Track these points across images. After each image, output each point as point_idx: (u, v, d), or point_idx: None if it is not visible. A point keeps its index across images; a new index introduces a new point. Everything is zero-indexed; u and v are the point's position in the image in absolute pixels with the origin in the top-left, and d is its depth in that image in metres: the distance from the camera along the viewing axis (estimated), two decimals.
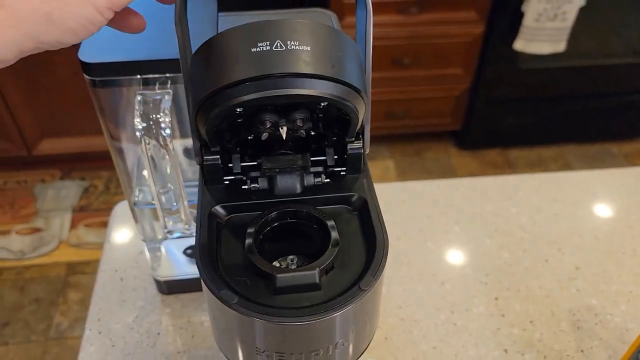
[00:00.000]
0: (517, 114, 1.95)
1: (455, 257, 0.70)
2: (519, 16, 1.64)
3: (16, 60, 0.33)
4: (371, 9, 0.34)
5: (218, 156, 0.38)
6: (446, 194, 0.78)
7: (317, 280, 0.33)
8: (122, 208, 0.76)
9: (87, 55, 0.44)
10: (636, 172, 0.82)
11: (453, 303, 0.65)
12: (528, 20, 1.63)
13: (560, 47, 1.69)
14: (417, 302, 0.65)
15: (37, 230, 1.68)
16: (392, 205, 0.76)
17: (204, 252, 0.34)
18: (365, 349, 0.40)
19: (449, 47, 1.76)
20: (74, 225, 1.70)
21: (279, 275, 0.33)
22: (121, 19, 0.36)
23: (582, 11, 1.62)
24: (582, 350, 0.60)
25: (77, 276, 1.57)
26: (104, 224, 1.69)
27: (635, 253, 0.71)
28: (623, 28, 1.79)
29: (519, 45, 1.69)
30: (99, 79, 0.45)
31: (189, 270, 0.65)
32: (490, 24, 1.71)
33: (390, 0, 1.63)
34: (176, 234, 0.53)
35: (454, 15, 1.70)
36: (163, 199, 0.50)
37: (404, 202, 0.77)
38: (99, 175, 1.86)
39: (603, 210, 0.77)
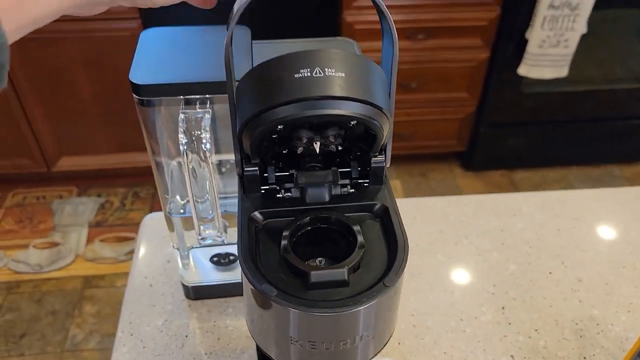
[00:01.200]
0: (521, 137, 2.00)
1: (464, 268, 0.74)
2: (522, 43, 1.71)
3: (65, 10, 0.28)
4: (397, 39, 0.39)
5: (257, 168, 0.43)
6: (456, 210, 0.83)
7: (346, 278, 0.38)
8: (150, 220, 0.80)
9: (136, 77, 0.49)
10: (635, 191, 0.86)
11: (462, 311, 0.69)
12: (531, 47, 1.69)
13: (563, 72, 1.75)
14: (429, 310, 0.69)
15: (54, 244, 1.73)
16: (404, 220, 0.80)
17: (246, 251, 0.39)
18: (385, 344, 0.44)
19: (454, 71, 1.83)
20: (90, 240, 1.75)
21: (313, 272, 0.37)
22: None
23: (584, 38, 1.68)
24: (584, 357, 0.64)
25: (93, 290, 1.61)
26: (119, 239, 1.74)
27: (635, 267, 0.75)
28: (624, 54, 1.85)
29: (523, 70, 1.75)
30: (146, 98, 0.50)
31: (215, 276, 0.69)
32: (495, 50, 1.78)
33: (399, 27, 1.69)
34: (208, 241, 0.58)
35: (459, 42, 1.76)
36: (200, 207, 0.54)
37: (415, 217, 0.82)
38: (114, 192, 1.91)
39: (604, 226, 0.81)
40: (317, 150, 0.41)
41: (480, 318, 0.68)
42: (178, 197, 0.66)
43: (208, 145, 0.50)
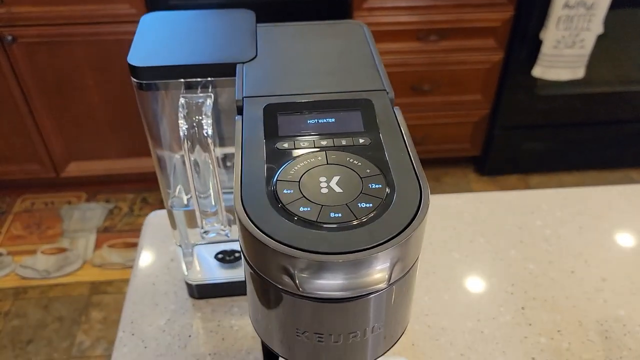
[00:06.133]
0: (537, 140, 1.96)
1: (481, 267, 0.71)
2: (537, 44, 1.67)
3: None
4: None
5: None
6: (471, 207, 0.79)
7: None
8: (154, 217, 0.78)
9: (135, 59, 0.47)
10: None
11: (479, 311, 0.65)
12: (546, 48, 1.65)
13: (579, 73, 1.71)
14: (444, 310, 0.65)
15: (62, 250, 1.72)
16: None
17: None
18: (397, 341, 0.41)
19: (468, 73, 1.79)
20: (98, 245, 1.73)
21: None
22: None
23: (600, 39, 1.64)
24: None
25: (100, 296, 1.59)
26: (128, 245, 1.72)
27: None
28: None
29: (538, 72, 1.71)
30: (145, 82, 0.48)
31: (220, 274, 0.66)
32: (509, 51, 1.74)
33: (411, 29, 1.67)
34: (211, 235, 0.55)
35: (473, 43, 1.73)
36: (203, 200, 0.52)
37: (428, 214, 0.78)
38: (123, 197, 1.90)
39: (628, 223, 0.77)
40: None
41: (499, 319, 0.65)
42: (182, 192, 0.63)
43: (209, 132, 0.47)
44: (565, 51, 1.66)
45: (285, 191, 0.35)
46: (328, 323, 0.35)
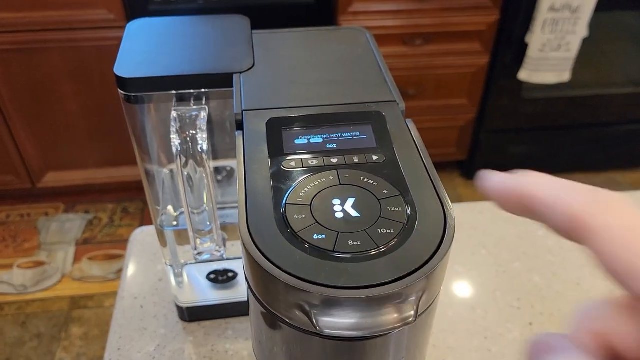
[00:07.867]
0: (522, 144, 1.95)
1: (485, 280, 0.68)
2: (522, 47, 1.66)
3: None
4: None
5: None
6: (470, 217, 0.77)
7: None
8: (140, 234, 0.74)
9: (122, 70, 0.43)
10: None
11: (486, 328, 0.63)
12: (532, 51, 1.65)
13: (565, 77, 1.71)
14: (449, 327, 0.63)
15: (40, 263, 1.65)
16: None
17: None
18: None
19: (453, 77, 1.78)
20: (77, 258, 1.67)
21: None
22: None
23: (585, 42, 1.64)
24: None
25: (80, 310, 1.53)
26: (108, 257, 1.67)
27: None
28: (625, 59, 1.81)
29: (524, 75, 1.71)
30: (133, 94, 0.44)
31: (212, 296, 0.62)
32: (495, 55, 1.73)
33: (396, 33, 1.65)
34: (205, 256, 0.51)
35: (458, 47, 1.72)
36: (196, 219, 0.48)
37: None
38: (103, 207, 1.84)
39: None
40: None
41: (507, 335, 0.62)
42: (171, 209, 0.59)
43: (205, 147, 0.43)
44: (551, 54, 1.65)
45: (296, 216, 0.31)
46: (347, 357, 0.31)
